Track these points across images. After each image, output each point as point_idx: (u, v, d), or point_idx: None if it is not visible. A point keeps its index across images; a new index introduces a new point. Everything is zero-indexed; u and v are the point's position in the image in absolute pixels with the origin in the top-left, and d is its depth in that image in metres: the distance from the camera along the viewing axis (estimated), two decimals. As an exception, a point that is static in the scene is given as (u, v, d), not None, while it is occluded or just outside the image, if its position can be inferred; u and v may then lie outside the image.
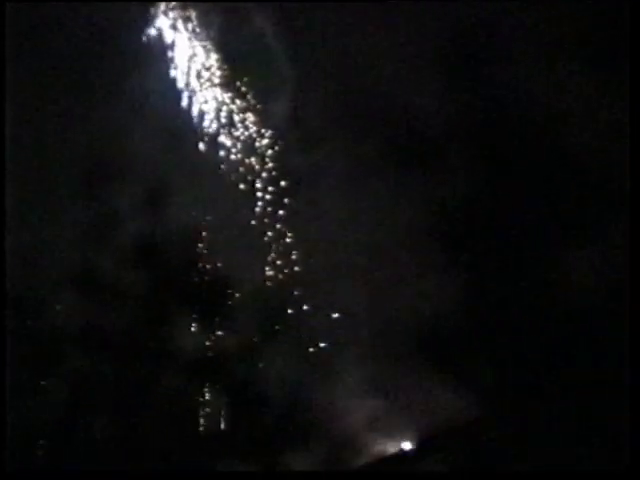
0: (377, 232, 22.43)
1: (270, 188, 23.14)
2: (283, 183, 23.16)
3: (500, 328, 20.44)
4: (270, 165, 23.41)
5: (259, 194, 23.01)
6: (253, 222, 22.95)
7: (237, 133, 23.63)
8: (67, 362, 21.01)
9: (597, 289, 19.48)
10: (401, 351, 21.27)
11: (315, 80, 24.08)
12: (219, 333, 21.63)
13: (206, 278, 22.11)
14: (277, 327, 21.60)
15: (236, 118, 23.70)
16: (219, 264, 21.96)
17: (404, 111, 22.26)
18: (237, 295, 21.80)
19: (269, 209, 22.97)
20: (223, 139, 23.62)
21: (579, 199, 20.97)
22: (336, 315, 22.01)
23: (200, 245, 22.38)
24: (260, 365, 21.13)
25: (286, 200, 23.08)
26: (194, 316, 21.69)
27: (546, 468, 16.30)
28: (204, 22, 24.08)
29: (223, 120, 23.74)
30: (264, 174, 23.28)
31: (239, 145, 23.53)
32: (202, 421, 21.29)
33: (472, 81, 22.45)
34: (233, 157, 23.45)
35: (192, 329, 21.63)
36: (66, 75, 22.83)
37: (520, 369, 19.86)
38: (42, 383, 21.03)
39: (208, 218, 22.76)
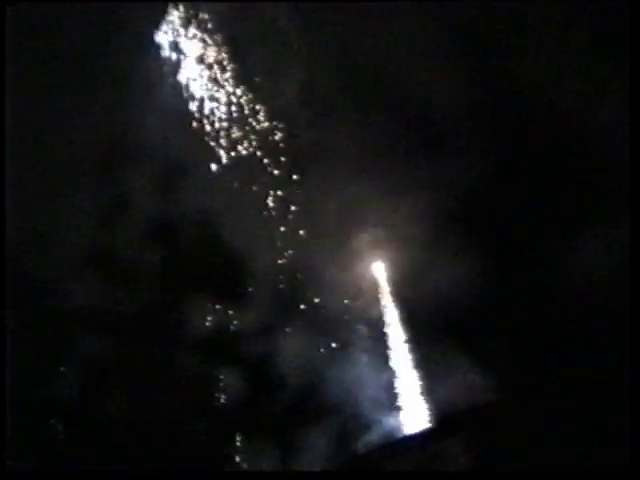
0: (389, 213, 22.69)
1: (281, 171, 23.13)
2: (294, 165, 23.19)
3: (514, 309, 20.88)
4: (281, 148, 23.46)
5: (271, 176, 23.10)
6: (265, 203, 23.00)
7: (248, 116, 23.62)
8: (83, 342, 21.31)
9: (609, 272, 19.56)
10: (420, 334, 22.03)
11: (326, 60, 24.21)
12: (234, 314, 21.96)
13: (220, 260, 22.40)
14: (291, 308, 22.04)
15: (246, 101, 23.60)
16: (233, 246, 22.10)
17: (413, 92, 22.48)
18: (251, 276, 22.15)
19: (281, 192, 22.96)
20: (234, 122, 23.63)
21: (587, 183, 21.23)
22: (350, 296, 22.29)
23: (214, 227, 22.53)
24: (275, 345, 21.48)
25: (298, 183, 23.12)
26: (209, 297, 22.01)
27: (546, 468, 16.48)
28: (214, 7, 24.06)
29: (233, 103, 23.70)
30: (275, 156, 23.32)
31: (250, 127, 23.54)
32: (218, 399, 21.56)
33: (484, 64, 22.61)
34: (245, 139, 23.47)
35: (207, 310, 21.94)
36: (78, 61, 22.74)
37: (537, 351, 20.27)
38: (57, 363, 21.38)
39: (221, 200, 23.01)
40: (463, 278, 20.66)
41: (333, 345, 21.85)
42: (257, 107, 24.07)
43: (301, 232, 22.97)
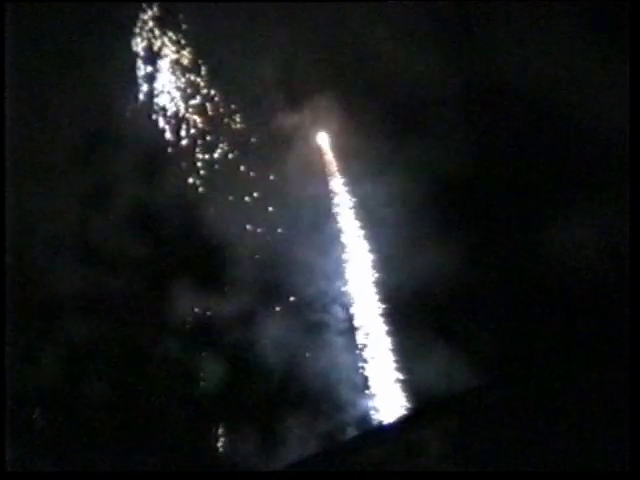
0: (372, 199, 22.83)
1: (261, 157, 23.11)
2: (274, 151, 23.17)
3: (496, 294, 20.91)
4: (261, 133, 23.45)
5: (251, 163, 23.04)
6: (246, 191, 22.93)
7: (227, 103, 23.60)
8: (66, 328, 21.31)
9: (594, 256, 19.93)
10: (399, 318, 21.93)
11: (306, 42, 24.24)
12: (215, 301, 21.83)
13: (201, 247, 22.46)
14: (271, 294, 21.97)
15: (225, 87, 23.57)
16: (213, 233, 22.23)
17: (398, 75, 22.39)
18: (232, 263, 22.11)
19: (261, 179, 22.95)
20: (213, 110, 23.62)
21: (574, 164, 21.21)
22: (332, 284, 22.39)
23: (195, 215, 22.74)
24: (254, 330, 21.48)
25: (277, 169, 23.10)
26: (190, 284, 21.82)
27: (528, 457, 16.62)
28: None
29: (212, 90, 23.69)
30: (255, 143, 23.34)
31: (230, 114, 23.54)
32: (200, 386, 21.54)
33: (467, 45, 22.70)
34: (225, 126, 23.50)
35: (188, 297, 21.75)
36: (57, 50, 22.75)
37: (518, 337, 20.22)
38: (40, 348, 21.37)
39: (202, 188, 23.14)
40: (443, 261, 20.64)
41: (310, 330, 21.80)
42: (235, 94, 24.15)
43: (280, 217, 23.00)
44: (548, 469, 15.72)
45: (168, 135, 23.82)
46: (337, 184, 23.53)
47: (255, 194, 23.27)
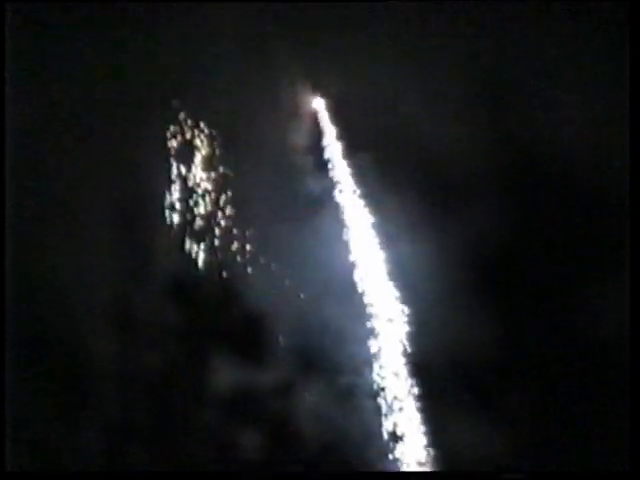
0: (406, 263, 22.94)
1: (294, 225, 22.98)
2: (307, 220, 23.25)
3: (531, 363, 20.86)
4: (293, 197, 23.54)
5: (285, 232, 22.90)
6: (282, 257, 22.85)
7: (259, 170, 23.56)
8: (103, 400, 21.45)
9: (620, 327, 19.68)
10: (431, 384, 21.89)
11: (339, 112, 24.71)
12: (253, 369, 21.84)
13: (238, 318, 22.39)
14: (308, 361, 21.99)
15: (258, 156, 23.83)
16: (251, 303, 22.18)
17: (432, 140, 22.85)
18: (271, 333, 22.24)
19: (296, 241, 22.72)
20: (247, 178, 23.89)
21: (605, 240, 21.42)
22: (364, 347, 22.43)
23: (232, 285, 22.99)
24: (292, 399, 21.57)
25: (311, 239, 23.19)
26: (228, 354, 21.96)
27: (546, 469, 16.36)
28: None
29: (244, 160, 23.87)
30: (288, 206, 23.26)
31: (262, 182, 23.56)
32: (237, 456, 21.31)
33: (502, 109, 22.97)
34: (257, 193, 23.53)
35: (226, 368, 21.82)
36: (94, 128, 23.39)
37: (554, 407, 20.35)
38: (76, 420, 21.29)
39: (238, 258, 23.42)
40: (476, 328, 20.87)
41: (343, 395, 21.99)
42: (267, 164, 24.22)
43: (314, 283, 23.01)
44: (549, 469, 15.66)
45: (202, 208, 24.17)
46: (370, 248, 23.56)
47: (289, 261, 23.32)
